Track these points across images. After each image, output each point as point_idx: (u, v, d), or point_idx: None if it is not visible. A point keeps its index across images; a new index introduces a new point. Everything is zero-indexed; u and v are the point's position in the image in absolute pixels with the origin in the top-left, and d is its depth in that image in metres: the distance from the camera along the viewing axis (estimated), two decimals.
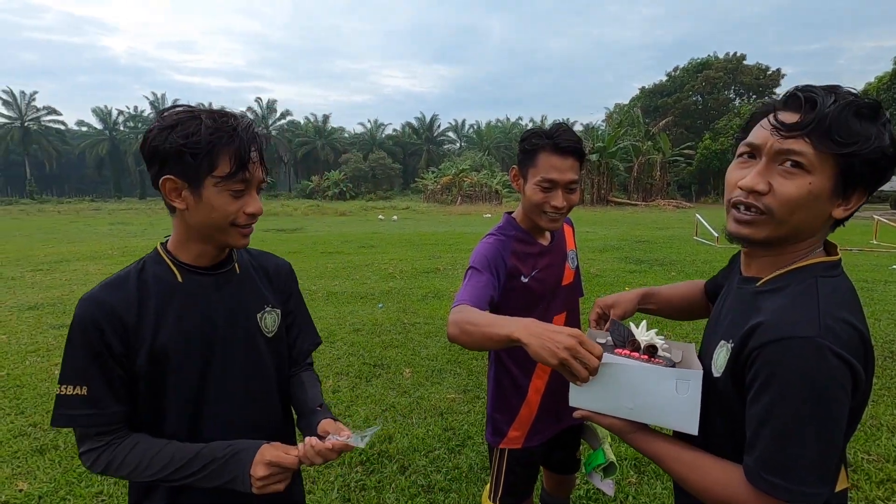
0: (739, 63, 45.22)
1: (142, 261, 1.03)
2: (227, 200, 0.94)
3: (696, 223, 13.95)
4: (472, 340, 1.05)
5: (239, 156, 0.92)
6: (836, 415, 0.72)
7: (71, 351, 0.95)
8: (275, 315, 1.13)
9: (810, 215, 0.78)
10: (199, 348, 1.00)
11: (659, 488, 2.54)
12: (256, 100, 66.19)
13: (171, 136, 0.90)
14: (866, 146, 0.73)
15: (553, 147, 1.32)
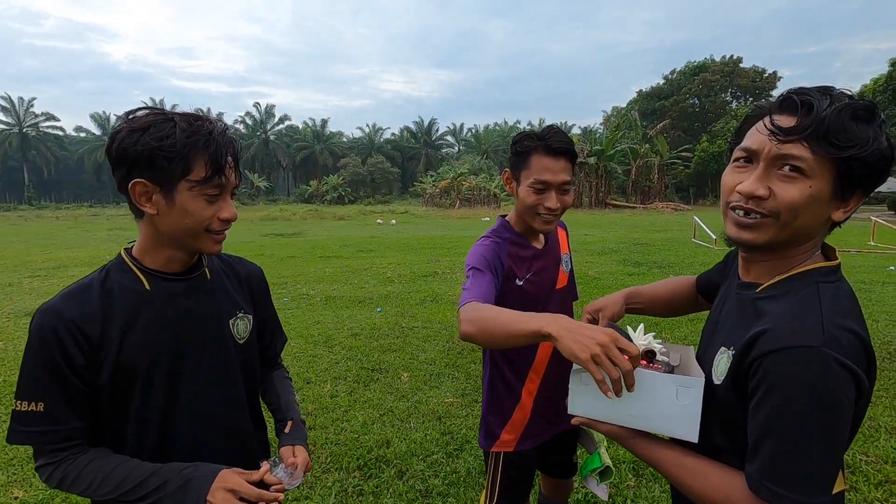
0: (736, 66, 45.43)
1: (104, 269, 0.99)
2: (202, 205, 0.92)
3: (695, 225, 13.96)
4: (491, 337, 1.00)
5: (215, 160, 0.90)
6: (839, 425, 0.71)
7: (27, 364, 0.91)
8: (247, 321, 1.11)
9: (811, 218, 0.78)
10: (168, 358, 0.97)
11: (657, 492, 2.53)
12: (255, 105, 66.45)
13: (144, 139, 0.86)
14: (865, 149, 0.72)
15: (545, 148, 1.33)
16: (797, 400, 0.71)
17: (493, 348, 1.05)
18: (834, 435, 0.71)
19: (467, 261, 1.36)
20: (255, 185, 54.24)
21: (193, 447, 1.00)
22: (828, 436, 0.71)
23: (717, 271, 1.15)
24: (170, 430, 0.99)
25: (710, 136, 39.59)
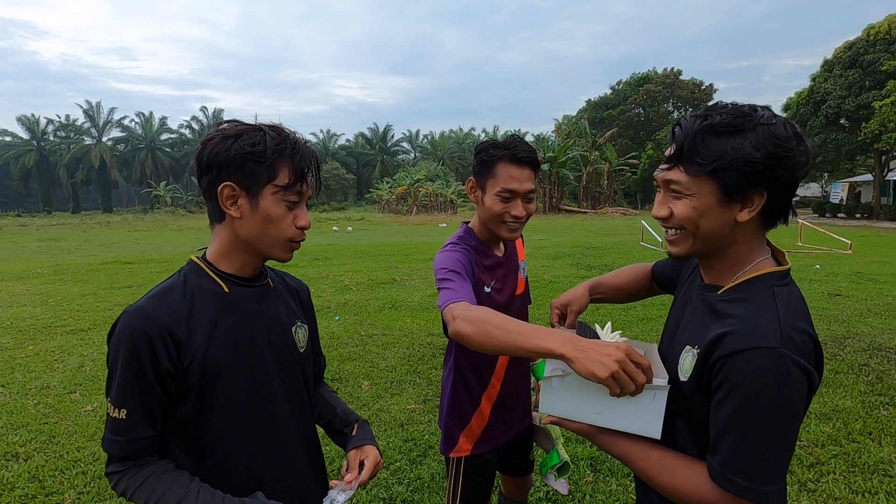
0: (676, 78, 47.98)
1: (180, 273, 1.00)
2: (283, 211, 0.96)
3: (642, 229, 14.60)
4: (490, 344, 0.97)
5: (299, 168, 0.95)
6: (794, 419, 0.78)
7: (117, 368, 0.90)
8: (304, 330, 1.14)
9: (713, 224, 0.86)
10: (247, 361, 0.99)
11: (614, 485, 2.64)
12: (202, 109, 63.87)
13: (237, 144, 0.92)
14: (725, 160, 0.80)
15: (511, 157, 1.36)
16: (757, 398, 0.77)
17: (480, 351, 1.02)
18: (789, 429, 0.78)
19: (440, 264, 1.33)
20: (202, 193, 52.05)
21: (271, 457, 1.02)
22: (784, 430, 0.78)
23: (673, 268, 1.23)
24: (248, 438, 1.00)
25: (655, 144, 41.55)
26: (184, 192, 54.00)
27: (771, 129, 0.80)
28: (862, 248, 12.30)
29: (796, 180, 0.83)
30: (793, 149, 0.80)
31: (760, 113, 0.82)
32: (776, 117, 0.82)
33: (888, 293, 7.03)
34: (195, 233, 23.85)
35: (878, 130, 23.27)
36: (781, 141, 0.80)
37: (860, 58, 26.19)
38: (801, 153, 0.81)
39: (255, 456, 1.00)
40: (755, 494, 0.77)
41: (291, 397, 1.07)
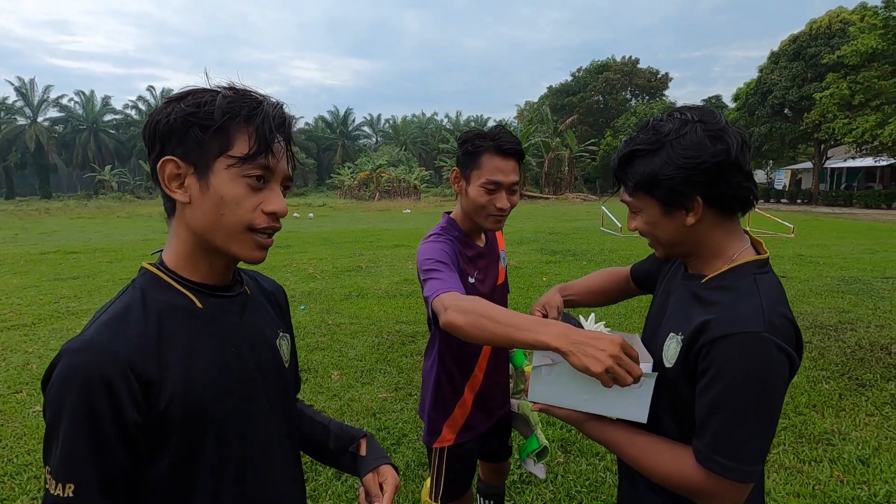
0: (634, 66, 49.10)
1: (135, 287, 0.76)
2: (242, 190, 0.73)
3: (602, 215, 14.99)
4: (483, 336, 0.96)
5: (261, 133, 0.72)
6: (776, 401, 0.82)
7: (61, 428, 0.66)
8: (287, 340, 0.95)
9: (668, 232, 0.94)
10: (236, 391, 0.79)
11: (584, 465, 2.73)
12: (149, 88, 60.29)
13: (178, 106, 0.71)
14: (645, 178, 0.90)
15: (496, 149, 1.35)
16: (741, 382, 0.80)
17: (471, 342, 1.00)
18: (771, 411, 0.82)
19: (425, 255, 1.31)
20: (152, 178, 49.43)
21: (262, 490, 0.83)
22: (767, 412, 0.81)
23: (653, 262, 1.26)
24: (244, 483, 0.80)
25: (614, 132, 42.57)
26: (131, 177, 51.05)
27: (680, 141, 0.86)
28: (803, 232, 13.10)
29: (724, 176, 0.86)
30: (704, 153, 0.84)
31: (669, 127, 0.88)
32: (688, 125, 0.87)
33: (827, 274, 7.53)
34: (145, 220, 22.71)
35: (818, 120, 24.71)
36: (690, 150, 0.85)
37: (803, 51, 27.60)
38: (717, 152, 0.84)
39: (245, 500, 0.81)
40: (739, 474, 0.81)
41: (281, 425, 0.89)
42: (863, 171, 29.74)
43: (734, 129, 0.88)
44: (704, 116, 0.88)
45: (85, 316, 5.82)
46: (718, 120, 0.88)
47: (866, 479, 2.57)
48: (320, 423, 1.04)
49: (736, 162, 0.86)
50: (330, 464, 1.05)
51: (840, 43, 24.85)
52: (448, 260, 1.29)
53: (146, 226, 19.22)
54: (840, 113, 23.40)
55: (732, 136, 0.86)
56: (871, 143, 22.42)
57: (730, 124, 0.89)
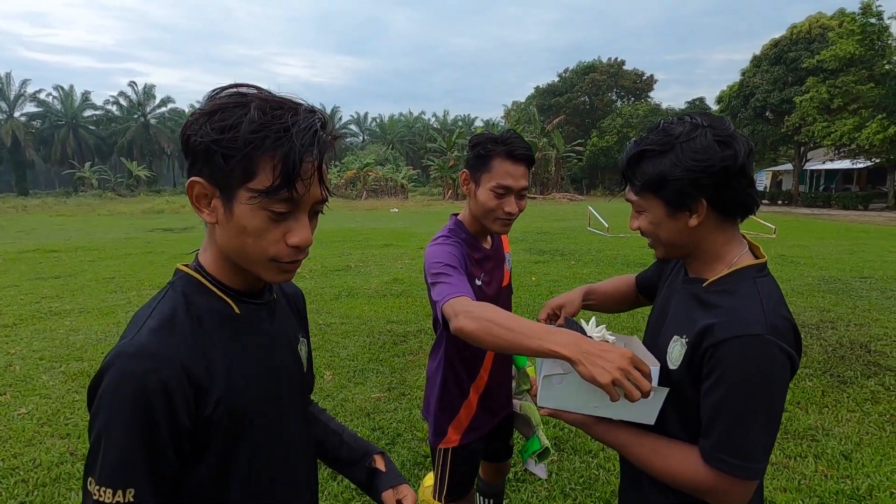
0: (620, 68, 49.63)
1: (175, 290, 0.76)
2: (263, 223, 0.70)
3: (589, 215, 15.14)
4: (493, 342, 0.97)
5: (285, 166, 0.67)
6: (779, 400, 0.85)
7: (113, 435, 0.65)
8: (306, 345, 0.96)
9: (670, 232, 0.96)
10: (269, 396, 0.81)
11: (577, 463, 2.77)
12: (130, 84, 58.99)
13: (205, 127, 0.68)
14: (653, 178, 0.92)
15: (507, 154, 1.36)
16: (746, 382, 0.83)
17: (481, 347, 1.04)
18: (775, 409, 0.85)
19: (434, 258, 1.31)
20: (133, 175, 48.54)
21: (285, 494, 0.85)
22: (771, 411, 0.84)
23: (654, 271, 1.29)
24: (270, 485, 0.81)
25: (600, 132, 43.01)
26: (112, 174, 50.02)
27: (690, 144, 0.88)
28: (784, 233, 13.39)
29: (730, 181, 0.88)
30: (713, 157, 0.87)
31: (680, 129, 0.90)
32: (698, 129, 0.89)
33: (808, 274, 7.71)
34: (127, 218, 22.32)
35: (798, 123, 25.28)
36: (700, 153, 0.87)
37: (784, 55, 28.19)
38: (725, 157, 0.87)
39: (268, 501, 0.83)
40: (747, 472, 0.84)
41: (302, 428, 0.90)
42: (841, 174, 30.50)
43: (742, 136, 0.90)
44: (714, 122, 0.91)
45: (68, 316, 5.71)
46: (727, 127, 0.90)
47: (849, 473, 2.65)
48: (334, 430, 1.05)
49: (742, 168, 0.88)
50: (338, 471, 1.05)
51: (820, 48, 25.45)
52: (457, 263, 1.30)
53: (129, 224, 18.88)
54: (819, 116, 23.97)
55: (740, 143, 0.89)
56: (848, 146, 23.03)
57: (737, 132, 0.91)
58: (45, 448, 2.92)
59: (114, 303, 6.33)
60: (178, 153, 58.79)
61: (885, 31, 21.69)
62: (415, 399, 3.54)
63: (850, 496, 2.46)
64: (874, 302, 5.92)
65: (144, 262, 9.59)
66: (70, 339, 4.91)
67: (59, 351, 4.56)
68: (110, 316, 5.74)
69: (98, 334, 5.05)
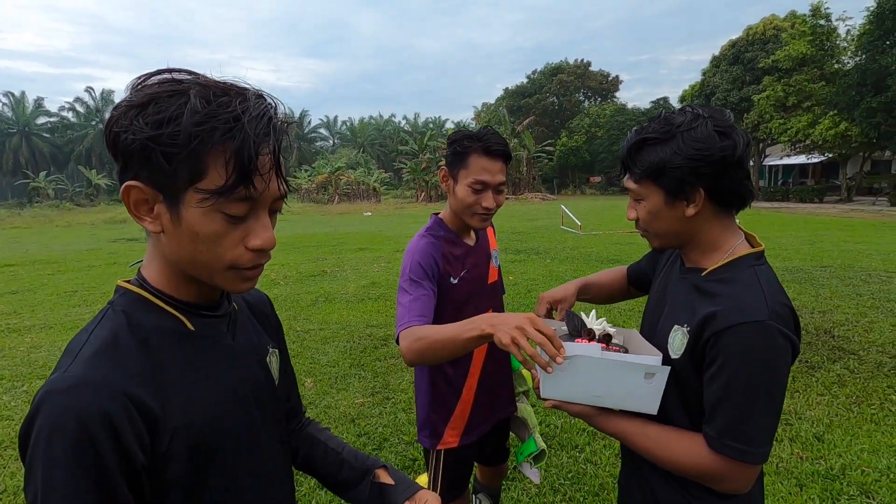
0: (586, 69, 50.65)
1: (115, 310, 0.67)
2: (220, 227, 0.62)
3: (562, 214, 15.37)
4: (436, 355, 1.11)
5: (240, 160, 0.59)
6: (782, 385, 0.87)
7: (54, 486, 0.55)
8: (276, 356, 0.87)
9: (667, 222, 0.97)
10: (237, 416, 0.72)
11: (565, 458, 2.79)
12: (87, 89, 56.57)
13: (138, 121, 0.58)
14: (653, 165, 0.93)
15: (483, 150, 1.37)
16: (750, 368, 0.84)
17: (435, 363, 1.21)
18: (778, 394, 0.86)
19: (406, 262, 1.39)
20: (93, 184, 46.67)
21: None
22: (774, 396, 0.86)
23: (648, 262, 1.30)
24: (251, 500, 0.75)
25: (569, 132, 43.77)
26: (70, 184, 48.00)
27: (691, 133, 0.90)
28: (747, 226, 13.25)
29: (728, 171, 0.90)
30: (712, 146, 0.88)
31: (681, 119, 0.92)
32: (699, 119, 0.91)
33: (772, 265, 7.87)
34: (88, 228, 21.44)
35: (756, 121, 26.32)
36: (700, 142, 0.89)
37: (742, 55, 29.33)
38: (724, 147, 0.89)
39: None
40: (753, 457, 0.85)
41: (275, 445, 0.82)
42: (797, 168, 31.92)
43: (741, 129, 0.92)
44: (714, 113, 0.92)
45: (29, 332, 5.43)
46: (727, 118, 0.92)
47: (822, 454, 2.75)
48: (333, 450, 0.96)
49: (740, 159, 0.90)
50: (338, 493, 0.95)
51: (774, 48, 26.58)
52: (420, 275, 1.35)
53: (90, 235, 18.13)
54: (776, 114, 25.04)
55: (739, 135, 0.91)
56: (803, 142, 24.10)
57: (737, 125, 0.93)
58: (9, 473, 2.76)
59: (78, 317, 6.06)
60: None
61: (834, 31, 22.84)
62: (399, 403, 3.51)
63: (825, 476, 2.56)
64: (835, 290, 6.19)
65: (109, 273, 9.21)
66: (31, 356, 4.67)
67: (20, 370, 4.33)
68: (75, 331, 5.45)
69: (63, 351, 4.81)
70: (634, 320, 5.10)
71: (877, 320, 4.94)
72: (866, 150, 22.12)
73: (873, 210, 19.15)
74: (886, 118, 19.23)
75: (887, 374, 3.72)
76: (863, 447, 2.79)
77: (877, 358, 4.03)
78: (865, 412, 3.19)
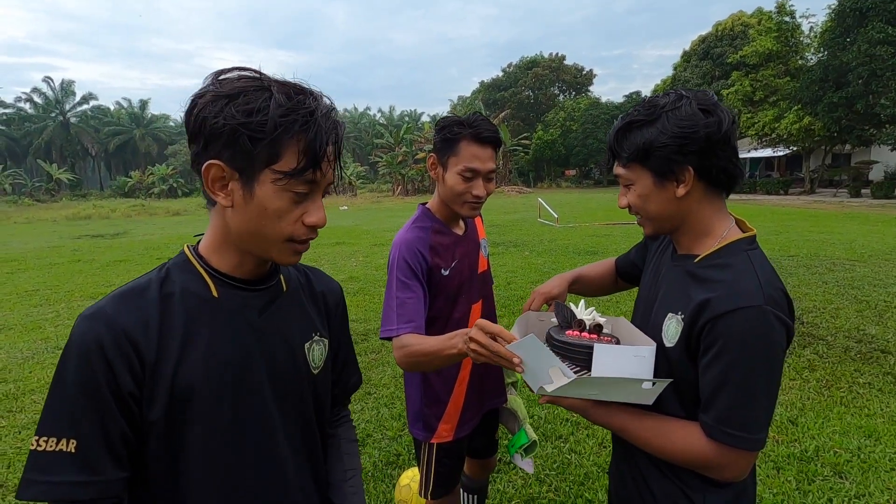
0: (561, 63, 51.05)
1: (164, 267, 0.79)
2: (286, 204, 0.73)
3: (539, 206, 15.47)
4: (429, 367, 1.19)
5: (312, 148, 0.71)
6: (778, 370, 0.85)
7: (59, 387, 0.68)
8: (323, 346, 0.91)
9: (658, 205, 0.96)
10: (233, 387, 0.77)
11: (549, 449, 2.79)
12: (45, 79, 53.82)
13: (229, 109, 0.68)
14: (640, 147, 0.93)
15: (474, 136, 1.33)
16: (746, 354, 0.83)
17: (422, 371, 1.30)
18: (774, 379, 0.85)
19: (393, 258, 1.35)
20: (54, 179, 44.73)
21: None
22: (770, 381, 0.85)
23: (637, 253, 1.29)
24: (233, 481, 0.77)
25: (544, 126, 44.07)
26: (28, 179, 45.85)
27: (676, 112, 0.90)
28: None
29: (715, 148, 0.90)
30: (697, 124, 0.88)
31: (665, 101, 0.92)
32: (683, 99, 0.91)
33: None
34: (49, 225, 20.55)
35: None
36: (685, 120, 0.89)
37: (711, 50, 30.03)
38: (709, 124, 0.89)
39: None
40: (750, 443, 0.84)
41: (295, 430, 0.85)
42: (763, 161, 32.91)
43: (725, 107, 0.92)
44: (698, 94, 0.93)
45: None
46: (711, 97, 0.92)
47: (797, 437, 2.83)
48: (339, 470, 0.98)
49: (726, 136, 0.90)
50: None
51: (742, 44, 27.31)
52: (409, 275, 1.33)
53: (51, 231, 17.38)
54: (744, 108, 25.73)
55: (723, 112, 0.90)
56: (769, 136, 24.87)
57: (721, 103, 0.92)
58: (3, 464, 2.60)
59: (40, 317, 5.78)
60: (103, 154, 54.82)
61: (798, 28, 23.59)
62: (381, 398, 3.46)
63: (800, 458, 2.63)
64: (802, 278, 6.40)
65: (73, 270, 8.84)
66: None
67: None
68: (37, 332, 5.23)
69: (24, 352, 4.59)
70: (620, 310, 5.15)
71: (842, 307, 5.13)
72: (828, 143, 22.97)
73: (834, 201, 19.93)
74: (847, 113, 19.99)
75: (854, 359, 3.86)
76: (834, 429, 2.89)
77: (844, 343, 4.18)
78: (835, 395, 3.30)
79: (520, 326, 1.09)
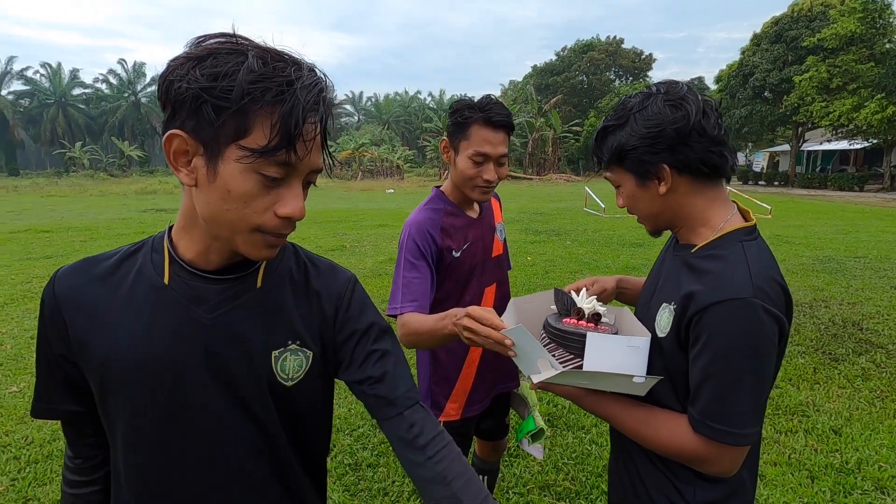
0: (619, 47, 48.98)
1: (142, 242, 0.77)
2: (253, 187, 0.62)
3: (586, 195, 15.08)
4: (429, 345, 1.26)
5: (286, 124, 0.60)
6: (766, 365, 0.83)
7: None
8: (302, 357, 0.76)
9: (646, 204, 0.97)
10: (171, 382, 0.70)
11: (570, 438, 2.78)
12: (120, 61, 57.41)
13: (194, 72, 0.59)
14: (616, 151, 0.95)
15: (485, 120, 1.33)
16: (731, 347, 0.81)
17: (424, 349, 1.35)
18: (763, 374, 0.82)
19: (403, 240, 1.38)
20: (125, 155, 47.88)
21: None
22: (757, 376, 0.82)
23: None
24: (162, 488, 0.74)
25: (597, 112, 42.61)
26: (103, 154, 49.27)
27: (643, 112, 0.91)
28: (780, 213, 13.39)
29: (686, 141, 0.88)
30: (664, 121, 0.88)
31: (634, 101, 0.94)
32: (650, 97, 0.92)
33: (802, 254, 7.73)
34: (120, 198, 22.08)
35: (796, 103, 25.07)
36: (651, 119, 0.89)
37: (785, 33, 27.79)
38: (676, 119, 0.87)
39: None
40: (733, 438, 0.82)
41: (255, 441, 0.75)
42: (837, 154, 30.44)
43: (698, 97, 0.89)
44: (669, 88, 0.92)
45: None
46: (680, 89, 0.90)
47: (838, 447, 2.68)
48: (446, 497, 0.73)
49: (698, 127, 0.87)
50: None
51: (820, 26, 25.09)
52: (417, 255, 1.36)
53: (121, 204, 18.68)
54: (818, 96, 23.78)
55: (692, 104, 0.88)
56: (846, 127, 22.91)
57: (695, 93, 0.90)
58: (36, 426, 2.91)
59: None
60: None
61: (887, 8, 21.41)
62: None
63: (839, 469, 2.49)
64: (867, 281, 5.94)
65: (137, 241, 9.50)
66: None
67: None
68: None
69: None
70: None
71: None
72: None
73: None
74: None
75: None
76: (882, 442, 2.70)
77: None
78: (889, 407, 3.08)
79: (511, 312, 1.10)
